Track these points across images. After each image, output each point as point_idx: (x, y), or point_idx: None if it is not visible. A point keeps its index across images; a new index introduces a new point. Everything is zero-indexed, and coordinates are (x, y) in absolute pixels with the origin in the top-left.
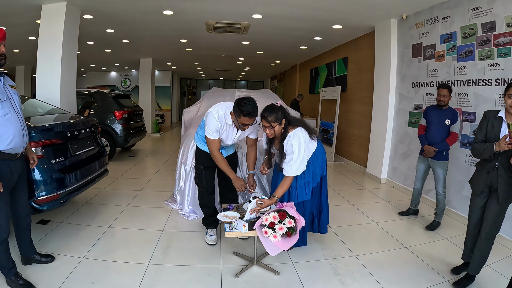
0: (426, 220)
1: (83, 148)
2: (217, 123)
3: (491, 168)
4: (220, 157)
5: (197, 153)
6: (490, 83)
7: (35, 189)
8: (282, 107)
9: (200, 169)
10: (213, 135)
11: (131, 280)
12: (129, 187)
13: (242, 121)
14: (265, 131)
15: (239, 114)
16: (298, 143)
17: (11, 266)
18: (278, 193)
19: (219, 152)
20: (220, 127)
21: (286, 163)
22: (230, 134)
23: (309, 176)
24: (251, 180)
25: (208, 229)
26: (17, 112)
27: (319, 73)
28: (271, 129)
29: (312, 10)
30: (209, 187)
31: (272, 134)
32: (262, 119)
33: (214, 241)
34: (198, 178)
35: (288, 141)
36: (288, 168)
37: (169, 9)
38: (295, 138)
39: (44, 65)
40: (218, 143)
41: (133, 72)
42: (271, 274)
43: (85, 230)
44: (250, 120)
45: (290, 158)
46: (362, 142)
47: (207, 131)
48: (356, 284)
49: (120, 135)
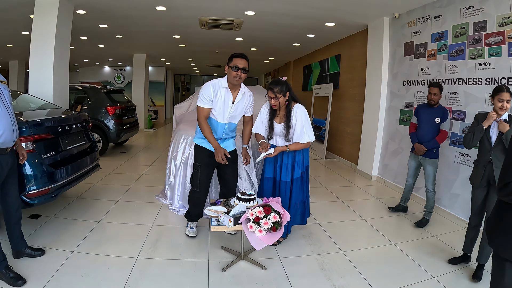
0: (415, 217)
1: (74, 143)
2: (210, 91)
3: (486, 162)
4: (206, 126)
5: (196, 151)
6: (480, 82)
7: (26, 183)
8: (287, 82)
9: (197, 166)
10: (204, 103)
11: (120, 273)
12: (120, 182)
13: (234, 63)
14: (271, 102)
15: (231, 58)
16: (305, 113)
17: (1, 260)
18: (291, 147)
19: (206, 121)
20: (213, 95)
21: (300, 133)
22: (227, 103)
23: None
24: (245, 153)
25: (189, 222)
26: (7, 106)
27: (312, 70)
28: (276, 100)
29: (305, 7)
30: (202, 187)
31: (276, 104)
32: (269, 90)
33: (194, 233)
34: (194, 177)
35: (295, 112)
36: (305, 135)
37: (162, 4)
38: (300, 109)
39: (37, 60)
40: (207, 113)
41: (127, 67)
42: (257, 269)
43: (76, 224)
44: (241, 61)
45: (301, 126)
46: (354, 140)
47: (199, 100)
48: (342, 279)
49: (112, 131)
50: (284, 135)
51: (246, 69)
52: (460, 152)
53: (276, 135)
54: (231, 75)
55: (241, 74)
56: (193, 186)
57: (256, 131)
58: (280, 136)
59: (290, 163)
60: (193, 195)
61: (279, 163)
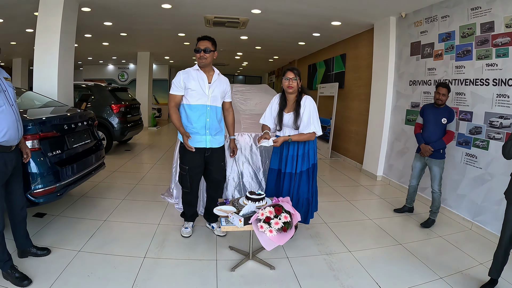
0: (421, 217)
1: (80, 141)
2: (180, 76)
3: None
4: (174, 113)
5: (182, 151)
6: (487, 83)
7: (32, 182)
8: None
9: (185, 169)
10: (174, 90)
11: (127, 273)
12: (125, 181)
13: (197, 46)
14: (288, 83)
15: (196, 42)
16: (314, 104)
17: (7, 259)
18: (293, 137)
19: (176, 109)
20: (183, 80)
21: (307, 122)
22: (202, 83)
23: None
24: (233, 145)
25: (185, 221)
26: (12, 104)
27: (317, 69)
28: (295, 81)
29: (311, 6)
30: (194, 187)
31: (293, 87)
32: (288, 71)
33: (188, 234)
34: (182, 179)
35: (304, 102)
36: (311, 125)
37: (168, 2)
38: (309, 99)
39: (42, 57)
40: (178, 100)
41: (131, 65)
42: (266, 269)
43: (82, 223)
44: (203, 42)
45: (308, 116)
46: (359, 139)
47: (171, 89)
48: (350, 279)
49: (117, 129)
50: (293, 124)
51: (208, 50)
52: (467, 153)
53: (285, 126)
54: (197, 57)
55: (204, 54)
56: (184, 187)
57: (263, 122)
58: (288, 128)
59: (295, 155)
60: (185, 197)
61: (285, 154)
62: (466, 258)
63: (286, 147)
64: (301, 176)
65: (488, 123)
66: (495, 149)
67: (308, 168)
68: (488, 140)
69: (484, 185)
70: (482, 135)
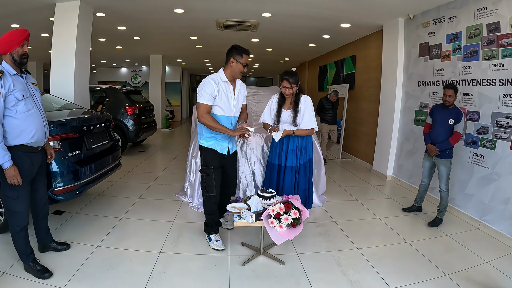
0: (429, 216)
1: (98, 142)
2: (213, 86)
3: None
4: (210, 117)
5: (204, 153)
6: (494, 83)
7: (53, 180)
8: (297, 73)
9: (210, 170)
10: (207, 100)
11: (144, 266)
12: (140, 180)
13: (245, 60)
14: (285, 91)
15: (241, 53)
16: (311, 103)
17: (29, 253)
18: (297, 132)
19: (209, 115)
20: (216, 91)
21: (308, 120)
22: (230, 96)
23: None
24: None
25: (211, 235)
26: (39, 108)
27: (327, 71)
28: (291, 89)
29: (321, 9)
30: (217, 191)
31: (290, 93)
32: (284, 80)
33: (222, 246)
34: (208, 182)
35: (304, 101)
36: (312, 122)
37: (180, 7)
38: (308, 99)
39: (58, 61)
40: (210, 109)
41: (144, 68)
42: (276, 264)
43: (99, 220)
44: (249, 58)
45: (309, 114)
46: (369, 140)
47: (201, 97)
48: (357, 275)
49: (131, 130)
50: (292, 120)
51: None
52: (474, 153)
53: (282, 122)
54: (238, 69)
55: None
56: (209, 191)
57: (264, 121)
58: (285, 123)
59: (295, 149)
60: (210, 201)
61: (285, 149)
62: (473, 257)
63: (286, 142)
64: (302, 168)
65: (495, 123)
66: (502, 149)
67: (305, 162)
68: (495, 140)
69: (491, 185)
70: (489, 135)
